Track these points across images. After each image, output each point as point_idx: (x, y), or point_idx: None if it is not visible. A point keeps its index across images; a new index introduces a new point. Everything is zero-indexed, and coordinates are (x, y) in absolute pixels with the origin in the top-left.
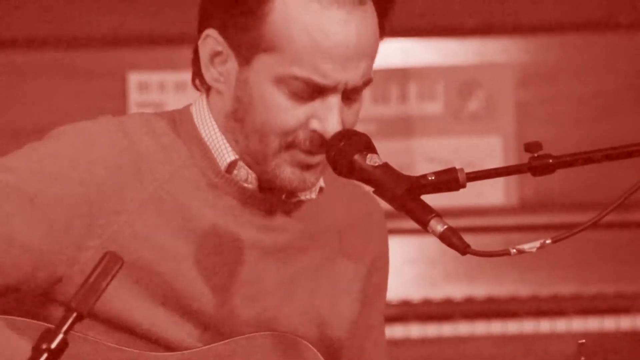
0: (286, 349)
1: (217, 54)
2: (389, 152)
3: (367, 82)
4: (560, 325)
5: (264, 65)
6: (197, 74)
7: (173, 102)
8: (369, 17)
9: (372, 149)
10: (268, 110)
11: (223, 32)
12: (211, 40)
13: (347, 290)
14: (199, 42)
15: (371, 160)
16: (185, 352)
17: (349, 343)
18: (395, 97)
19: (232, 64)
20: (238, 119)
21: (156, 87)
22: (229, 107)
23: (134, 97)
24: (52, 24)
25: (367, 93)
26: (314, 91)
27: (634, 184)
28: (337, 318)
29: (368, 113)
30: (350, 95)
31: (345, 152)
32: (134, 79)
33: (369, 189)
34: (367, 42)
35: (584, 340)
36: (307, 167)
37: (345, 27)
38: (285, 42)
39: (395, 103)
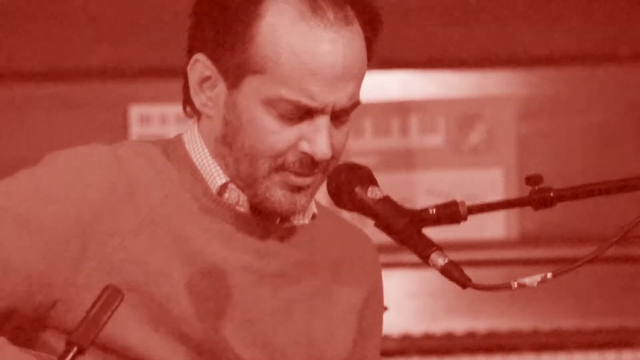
0: None
1: (206, 78)
2: (390, 184)
3: (354, 105)
4: (562, 359)
5: (252, 88)
6: (188, 100)
7: (174, 134)
8: (356, 37)
9: (373, 182)
10: (257, 133)
11: (211, 56)
12: (200, 65)
13: (343, 321)
14: (188, 68)
15: (372, 193)
16: None
17: None
18: (396, 129)
19: (221, 88)
20: (227, 142)
21: (157, 119)
22: (219, 131)
23: (135, 129)
24: (53, 56)
25: (368, 126)
26: (303, 113)
27: (635, 218)
28: (332, 349)
29: (369, 145)
30: (338, 116)
31: (346, 185)
32: (135, 111)
33: (369, 221)
34: (355, 62)
35: None
36: (297, 189)
37: (333, 47)
38: (273, 63)
39: (396, 136)
